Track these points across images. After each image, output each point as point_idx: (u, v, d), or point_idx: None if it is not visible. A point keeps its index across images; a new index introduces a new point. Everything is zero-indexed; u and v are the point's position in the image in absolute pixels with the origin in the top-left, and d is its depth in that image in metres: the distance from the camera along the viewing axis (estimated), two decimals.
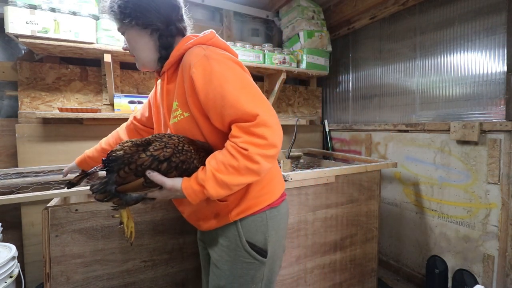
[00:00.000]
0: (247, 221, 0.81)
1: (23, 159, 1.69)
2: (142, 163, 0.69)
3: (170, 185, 0.70)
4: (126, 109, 1.88)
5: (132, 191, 0.71)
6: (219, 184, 0.67)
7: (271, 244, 0.83)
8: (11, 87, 1.83)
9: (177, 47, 0.81)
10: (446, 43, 1.86)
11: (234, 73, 0.72)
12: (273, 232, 0.84)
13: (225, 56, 0.75)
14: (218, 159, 0.69)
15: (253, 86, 0.73)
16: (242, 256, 0.81)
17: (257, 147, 0.66)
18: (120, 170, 0.68)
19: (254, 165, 0.67)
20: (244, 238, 0.81)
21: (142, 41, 0.82)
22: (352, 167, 1.61)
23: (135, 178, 0.69)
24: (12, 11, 1.44)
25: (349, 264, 1.67)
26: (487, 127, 1.60)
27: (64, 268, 1.02)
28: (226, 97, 0.69)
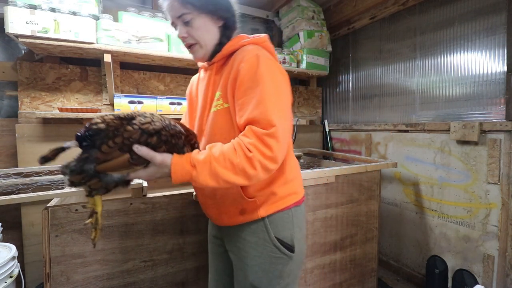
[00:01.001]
0: (275, 217, 0.83)
1: (23, 159, 1.69)
2: (130, 136, 0.61)
3: (160, 160, 0.65)
4: (126, 109, 1.88)
5: (114, 170, 0.61)
6: (211, 172, 0.66)
7: (296, 240, 0.85)
8: (11, 87, 1.83)
9: (231, 42, 0.84)
10: (446, 43, 1.86)
11: (275, 80, 0.74)
12: (298, 229, 0.86)
13: (274, 63, 0.78)
14: (221, 149, 0.68)
15: (285, 99, 0.76)
16: (270, 251, 0.82)
17: (261, 154, 0.67)
18: (103, 144, 0.59)
19: (251, 170, 0.66)
20: (272, 233, 0.82)
21: (210, 29, 0.83)
22: (352, 167, 1.61)
23: (119, 154, 0.60)
24: (12, 11, 1.44)
25: (349, 264, 1.67)
26: (487, 127, 1.60)
27: (64, 268, 1.02)
28: (257, 97, 0.71)
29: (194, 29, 0.82)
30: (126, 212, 1.10)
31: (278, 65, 0.79)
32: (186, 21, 0.81)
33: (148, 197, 1.13)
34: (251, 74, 0.73)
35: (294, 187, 0.87)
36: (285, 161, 0.83)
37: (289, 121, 0.74)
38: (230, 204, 0.83)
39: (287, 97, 0.77)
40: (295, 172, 0.89)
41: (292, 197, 0.86)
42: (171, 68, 2.21)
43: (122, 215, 1.09)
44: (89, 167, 0.59)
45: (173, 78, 2.20)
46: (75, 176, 0.60)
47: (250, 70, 0.73)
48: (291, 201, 0.85)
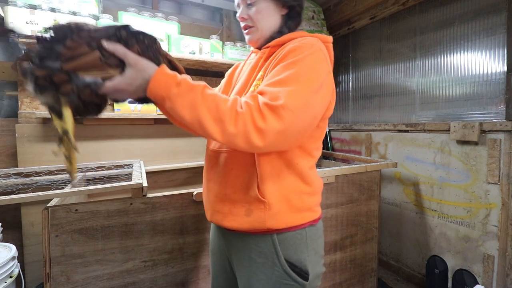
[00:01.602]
0: (285, 237, 0.71)
1: (23, 159, 1.69)
2: (96, 30, 0.54)
3: (134, 59, 0.57)
4: (126, 109, 1.88)
5: (85, 70, 0.52)
6: (192, 102, 0.57)
7: (311, 265, 0.73)
8: (11, 87, 1.83)
9: (292, 33, 0.79)
10: (446, 43, 1.86)
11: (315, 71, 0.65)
12: (313, 251, 0.75)
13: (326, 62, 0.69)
14: (215, 93, 0.61)
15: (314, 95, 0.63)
16: (279, 277, 0.71)
17: (251, 118, 0.57)
18: (67, 38, 0.51)
19: (231, 126, 0.56)
20: (282, 256, 0.71)
21: (271, 14, 0.79)
22: (352, 167, 1.61)
23: (88, 50, 0.52)
24: (12, 11, 1.44)
25: (349, 264, 1.67)
26: (487, 127, 1.60)
27: (64, 268, 1.02)
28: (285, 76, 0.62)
29: (255, 12, 0.78)
30: (126, 212, 1.10)
31: (329, 68, 0.71)
32: (250, 3, 0.79)
33: (148, 197, 1.13)
34: (295, 54, 0.66)
35: (312, 203, 0.76)
36: (306, 168, 0.74)
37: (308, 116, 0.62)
38: (239, 194, 0.72)
39: (319, 96, 0.65)
40: (317, 187, 0.79)
41: (308, 214, 0.75)
42: None
43: (122, 215, 1.09)
44: (53, 65, 0.50)
45: None
46: (41, 70, 0.50)
47: (297, 51, 0.67)
48: (307, 219, 0.74)
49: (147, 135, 2.03)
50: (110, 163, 1.76)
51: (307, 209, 0.75)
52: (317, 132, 0.77)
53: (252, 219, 0.70)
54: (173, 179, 2.08)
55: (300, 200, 0.73)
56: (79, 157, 1.89)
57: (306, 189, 0.74)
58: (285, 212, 0.71)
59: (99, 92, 0.55)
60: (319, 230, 0.80)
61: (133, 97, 0.61)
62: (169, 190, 1.32)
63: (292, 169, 0.72)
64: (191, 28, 2.32)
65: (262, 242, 0.72)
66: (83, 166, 1.68)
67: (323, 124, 0.78)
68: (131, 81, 0.57)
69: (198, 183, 2.17)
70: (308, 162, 0.76)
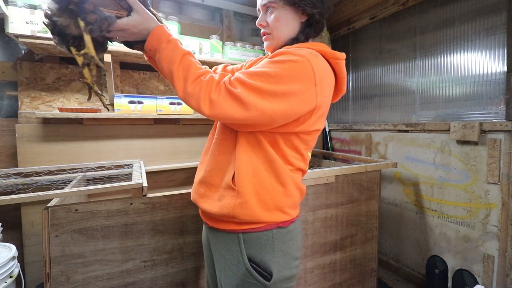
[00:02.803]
0: (251, 236, 0.74)
1: (23, 159, 1.69)
2: None
3: (140, 8, 0.69)
4: (126, 109, 1.88)
5: (104, 6, 0.65)
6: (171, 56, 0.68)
7: (277, 266, 0.74)
8: (11, 87, 1.83)
9: (304, 44, 0.79)
10: (446, 43, 1.86)
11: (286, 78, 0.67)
12: (281, 253, 0.75)
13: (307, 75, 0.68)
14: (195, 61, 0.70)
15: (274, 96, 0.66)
16: (243, 274, 0.74)
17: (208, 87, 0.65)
18: None
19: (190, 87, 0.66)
20: (246, 254, 0.74)
21: (290, 22, 0.80)
22: (352, 167, 1.61)
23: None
24: (12, 11, 1.44)
25: (349, 264, 1.67)
26: (487, 127, 1.60)
27: (64, 268, 1.02)
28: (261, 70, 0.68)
29: (273, 19, 0.80)
30: (126, 212, 1.10)
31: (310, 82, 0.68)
32: (269, 10, 0.81)
33: (148, 197, 1.13)
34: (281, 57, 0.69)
35: (283, 204, 0.76)
36: (283, 169, 0.75)
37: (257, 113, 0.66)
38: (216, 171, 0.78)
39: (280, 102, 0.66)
40: (293, 189, 0.78)
41: (277, 214, 0.75)
42: None
43: (122, 215, 1.09)
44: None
45: None
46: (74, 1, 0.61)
47: (284, 55, 0.70)
48: (275, 218, 0.75)
49: (147, 135, 2.03)
50: (110, 163, 1.76)
51: (276, 208, 0.75)
52: (295, 140, 0.76)
53: (222, 204, 0.74)
54: (173, 179, 2.08)
55: (270, 197, 0.75)
56: (79, 157, 1.90)
57: (279, 188, 0.75)
58: (252, 205, 0.73)
59: (112, 26, 0.66)
60: (292, 232, 0.79)
61: (131, 38, 0.72)
62: (169, 190, 1.32)
63: (268, 167, 0.75)
64: (191, 28, 2.32)
65: (229, 239, 0.76)
66: (83, 166, 1.68)
67: (306, 137, 0.78)
68: (135, 24, 0.69)
69: None
70: (286, 165, 0.77)
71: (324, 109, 0.77)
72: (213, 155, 0.80)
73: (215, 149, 0.80)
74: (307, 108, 0.71)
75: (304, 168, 0.82)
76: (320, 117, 0.78)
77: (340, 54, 0.79)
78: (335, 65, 0.79)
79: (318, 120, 0.77)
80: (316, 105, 0.72)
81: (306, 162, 0.83)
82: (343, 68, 0.81)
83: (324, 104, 0.76)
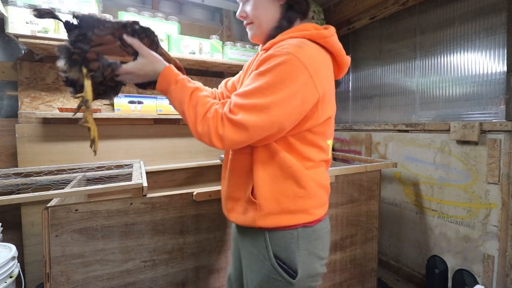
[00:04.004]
0: (276, 234, 0.75)
1: (23, 159, 1.69)
2: (117, 22, 0.69)
3: (146, 52, 0.73)
4: (126, 109, 1.88)
5: (108, 54, 0.69)
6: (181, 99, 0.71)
7: (302, 265, 0.75)
8: (11, 87, 1.83)
9: (287, 31, 0.77)
10: (446, 43, 1.86)
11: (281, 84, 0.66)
12: (305, 252, 0.76)
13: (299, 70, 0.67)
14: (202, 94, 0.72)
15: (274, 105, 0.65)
16: (268, 270, 0.75)
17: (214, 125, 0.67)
18: (95, 27, 0.66)
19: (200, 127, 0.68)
20: (271, 251, 0.75)
21: (268, 7, 0.79)
22: (352, 167, 1.61)
23: (111, 39, 0.68)
24: (12, 11, 1.44)
25: (349, 264, 1.67)
26: (487, 127, 1.60)
27: (64, 268, 1.02)
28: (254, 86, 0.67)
29: (251, 8, 0.79)
30: (126, 212, 1.10)
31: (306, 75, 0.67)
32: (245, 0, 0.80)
33: (148, 197, 1.13)
34: (267, 64, 0.68)
35: (307, 206, 0.76)
36: (301, 172, 0.74)
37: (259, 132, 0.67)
38: (238, 194, 0.80)
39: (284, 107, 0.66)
40: (315, 189, 0.77)
41: (301, 216, 0.76)
42: None
43: (122, 215, 1.09)
44: (84, 46, 0.65)
45: None
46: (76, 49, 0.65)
47: (269, 60, 0.68)
48: (300, 220, 0.75)
49: (147, 135, 2.03)
50: (110, 163, 1.76)
51: (300, 211, 0.76)
52: (309, 136, 0.76)
53: (246, 217, 0.77)
54: (173, 179, 2.08)
55: (292, 203, 0.75)
56: (79, 157, 1.90)
57: (300, 192, 0.75)
58: (275, 214, 0.74)
59: (116, 71, 0.70)
60: (318, 232, 0.79)
61: (139, 80, 0.76)
62: (169, 190, 1.32)
63: (286, 173, 0.74)
64: (191, 28, 2.32)
65: (257, 237, 0.77)
66: (83, 166, 1.68)
67: (319, 129, 0.76)
68: (142, 67, 0.73)
69: (198, 183, 2.17)
70: (303, 165, 0.76)
71: (329, 95, 0.75)
72: (232, 171, 0.82)
73: (232, 165, 0.82)
74: (311, 103, 0.70)
75: (326, 158, 0.81)
76: (327, 104, 0.76)
77: (327, 31, 0.75)
78: (326, 44, 0.76)
79: (326, 108, 0.76)
80: (319, 96, 0.71)
81: (326, 151, 0.81)
82: (336, 43, 0.77)
83: (327, 90, 0.74)
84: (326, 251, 0.82)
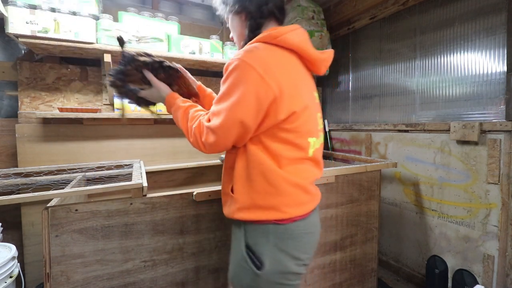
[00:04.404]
0: (251, 227, 0.82)
1: (23, 159, 1.69)
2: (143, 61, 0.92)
3: (157, 83, 0.94)
4: (126, 109, 1.88)
5: (132, 82, 0.95)
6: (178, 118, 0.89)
7: (270, 259, 0.79)
8: (11, 87, 1.83)
9: (256, 39, 0.81)
10: (446, 43, 1.86)
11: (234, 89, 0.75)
12: (275, 248, 0.79)
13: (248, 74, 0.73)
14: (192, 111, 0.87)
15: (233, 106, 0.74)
16: (240, 258, 0.82)
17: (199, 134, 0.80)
18: (127, 65, 0.91)
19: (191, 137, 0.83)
20: (245, 241, 0.82)
21: (237, 25, 0.89)
22: (352, 167, 1.61)
23: (137, 73, 0.94)
24: (12, 11, 1.44)
25: (349, 264, 1.67)
26: (487, 127, 1.60)
27: (64, 268, 1.02)
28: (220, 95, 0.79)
29: (232, 31, 0.93)
30: (126, 212, 1.10)
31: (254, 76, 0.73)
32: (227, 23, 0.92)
33: (148, 197, 1.13)
34: (225, 74, 0.78)
35: (277, 203, 0.79)
36: (272, 171, 0.78)
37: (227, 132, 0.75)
38: (225, 182, 0.90)
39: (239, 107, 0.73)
40: (286, 187, 0.79)
41: (272, 213, 0.79)
42: None
43: (122, 215, 1.09)
44: (120, 76, 0.93)
45: None
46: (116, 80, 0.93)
47: (225, 71, 0.78)
48: (270, 216, 0.79)
49: (147, 135, 2.03)
50: (110, 163, 1.76)
51: (271, 208, 0.79)
52: (280, 134, 0.78)
53: (229, 210, 0.85)
54: (173, 179, 2.08)
55: (263, 199, 0.79)
56: (79, 157, 1.90)
57: (270, 189, 0.79)
58: (248, 208, 0.80)
59: (137, 94, 0.98)
60: (292, 231, 0.81)
61: (155, 101, 1.01)
62: (169, 190, 1.32)
63: (257, 170, 0.79)
64: (191, 28, 2.32)
65: (238, 226, 0.86)
66: (83, 166, 1.68)
67: (288, 125, 0.78)
68: (151, 94, 0.97)
69: (198, 183, 2.17)
70: (276, 163, 0.79)
71: (289, 90, 0.77)
72: (224, 169, 0.91)
73: (224, 164, 0.91)
74: (266, 99, 0.74)
75: (304, 156, 0.82)
76: (290, 99, 0.77)
77: (275, 32, 0.79)
78: (280, 43, 0.79)
79: (289, 104, 0.77)
80: (275, 93, 0.74)
81: (305, 149, 0.82)
82: (289, 40, 0.80)
83: (285, 86, 0.76)
84: (303, 252, 0.83)
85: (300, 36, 0.83)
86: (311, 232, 0.86)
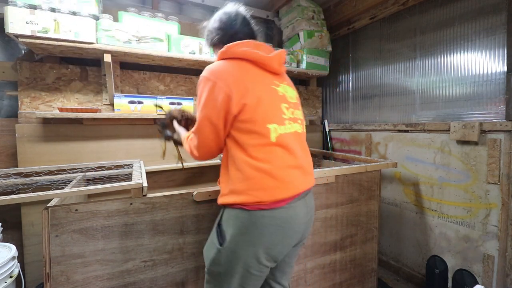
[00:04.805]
0: (226, 210, 0.95)
1: (23, 159, 1.69)
2: (173, 114, 1.30)
3: (177, 129, 1.25)
4: (126, 109, 1.88)
5: (169, 129, 1.29)
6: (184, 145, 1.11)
7: (231, 238, 0.90)
8: (11, 87, 1.83)
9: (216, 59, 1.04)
10: (446, 43, 1.86)
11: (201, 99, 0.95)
12: (237, 231, 0.89)
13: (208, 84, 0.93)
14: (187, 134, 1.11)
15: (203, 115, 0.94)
16: (212, 234, 0.98)
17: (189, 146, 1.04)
18: (167, 118, 1.29)
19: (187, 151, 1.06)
20: (219, 220, 0.97)
21: (216, 53, 1.06)
22: (352, 167, 1.61)
23: (170, 123, 1.29)
24: (12, 11, 1.44)
25: (349, 264, 1.67)
26: (487, 127, 1.60)
27: (64, 268, 1.02)
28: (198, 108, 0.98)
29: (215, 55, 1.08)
30: (126, 212, 1.10)
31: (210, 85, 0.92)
32: None
33: (148, 197, 1.14)
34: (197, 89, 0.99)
35: (245, 187, 0.89)
36: (239, 158, 0.90)
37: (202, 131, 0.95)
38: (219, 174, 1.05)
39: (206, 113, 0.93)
40: (250, 172, 0.88)
41: (241, 196, 0.89)
42: (171, 68, 2.21)
43: (122, 215, 1.09)
44: (163, 122, 1.30)
45: (173, 78, 2.20)
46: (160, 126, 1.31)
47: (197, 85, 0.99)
48: (239, 199, 0.89)
49: (147, 135, 2.03)
50: (110, 163, 1.76)
51: (240, 192, 0.90)
52: (242, 125, 0.91)
53: (219, 197, 0.99)
54: (173, 179, 2.08)
55: (234, 185, 0.91)
56: (79, 157, 1.90)
57: (239, 175, 0.91)
58: (226, 194, 0.94)
59: (173, 137, 1.29)
60: (255, 218, 0.88)
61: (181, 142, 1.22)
62: (169, 190, 1.32)
63: (231, 160, 0.93)
64: (191, 28, 2.32)
65: (219, 211, 1.00)
66: (83, 166, 1.68)
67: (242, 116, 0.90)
68: (178, 136, 1.24)
69: (198, 183, 2.17)
70: (244, 151, 0.91)
71: (238, 88, 0.90)
72: None
73: None
74: (223, 98, 0.90)
75: (267, 142, 0.90)
76: (239, 95, 0.90)
77: (224, 49, 0.97)
78: (229, 55, 0.97)
79: (239, 98, 0.90)
80: (226, 92, 0.90)
81: (266, 135, 0.91)
82: (236, 50, 0.96)
83: (234, 85, 0.90)
84: (267, 244, 0.89)
85: (244, 46, 0.97)
86: (280, 226, 0.90)
